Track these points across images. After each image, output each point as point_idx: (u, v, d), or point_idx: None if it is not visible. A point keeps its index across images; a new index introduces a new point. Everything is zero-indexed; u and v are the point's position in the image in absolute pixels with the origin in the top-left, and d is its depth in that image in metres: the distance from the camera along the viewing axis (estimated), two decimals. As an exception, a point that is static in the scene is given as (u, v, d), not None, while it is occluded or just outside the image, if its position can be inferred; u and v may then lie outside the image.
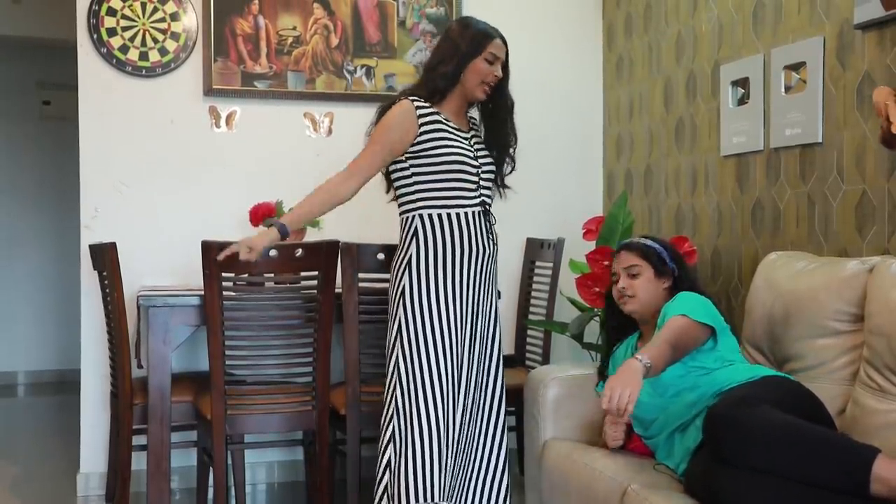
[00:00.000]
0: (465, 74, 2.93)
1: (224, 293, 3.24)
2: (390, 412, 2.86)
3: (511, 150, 3.07)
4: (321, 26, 4.21)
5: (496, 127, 3.04)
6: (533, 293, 4.20)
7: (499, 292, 3.58)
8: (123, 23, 4.03)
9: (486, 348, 2.99)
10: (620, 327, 2.93)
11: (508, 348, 4.24)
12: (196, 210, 4.07)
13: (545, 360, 3.96)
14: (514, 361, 4.14)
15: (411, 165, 2.90)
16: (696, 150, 3.79)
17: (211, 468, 3.42)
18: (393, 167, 2.96)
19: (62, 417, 5.63)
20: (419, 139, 2.88)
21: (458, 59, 2.92)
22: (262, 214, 3.74)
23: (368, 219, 3.85)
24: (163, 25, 4.06)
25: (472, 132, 3.04)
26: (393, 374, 2.88)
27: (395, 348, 2.88)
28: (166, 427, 3.36)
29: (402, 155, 2.90)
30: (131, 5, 4.03)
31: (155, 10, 4.05)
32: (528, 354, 4.15)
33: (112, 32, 4.02)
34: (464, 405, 2.91)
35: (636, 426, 2.74)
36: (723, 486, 2.16)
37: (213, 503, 3.43)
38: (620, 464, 2.61)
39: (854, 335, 2.57)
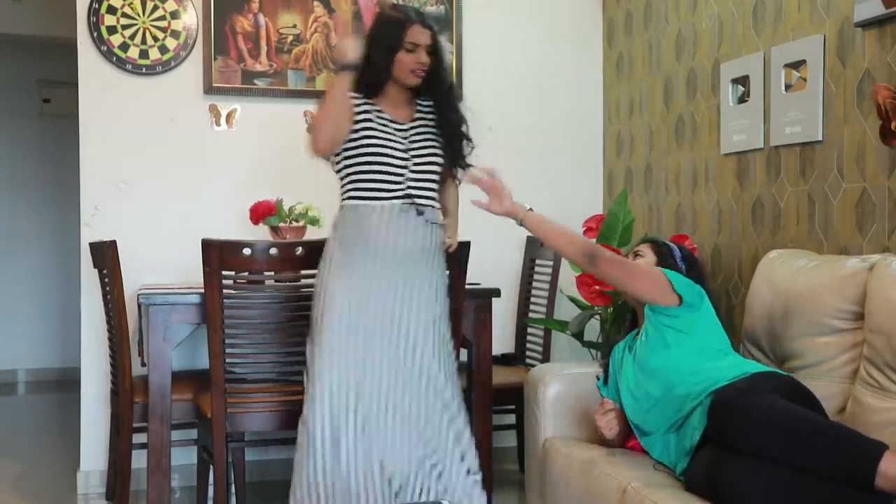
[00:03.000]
0: (393, 67, 2.91)
1: (224, 291, 3.24)
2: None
3: (464, 131, 3.02)
4: (321, 24, 4.21)
5: (443, 112, 3.00)
6: (533, 291, 4.20)
7: (497, 290, 3.58)
8: (123, 21, 4.03)
9: (418, 347, 2.88)
10: (624, 323, 2.95)
11: (509, 346, 4.25)
12: (196, 208, 4.07)
13: (545, 358, 3.96)
14: (514, 360, 4.15)
15: (341, 158, 2.93)
16: (697, 148, 3.79)
17: (211, 466, 3.42)
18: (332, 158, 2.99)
19: (62, 415, 5.63)
20: (352, 133, 2.89)
21: (382, 53, 2.90)
22: (262, 213, 3.74)
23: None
24: (163, 23, 4.06)
25: (419, 122, 2.99)
26: (306, 368, 2.93)
27: (308, 344, 2.93)
28: (166, 425, 3.36)
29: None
30: (131, 3, 4.03)
31: (155, 7, 4.05)
32: (528, 353, 4.15)
33: (112, 30, 4.01)
34: (374, 405, 2.85)
35: (632, 418, 2.74)
36: (724, 476, 2.16)
37: (213, 501, 3.42)
38: (620, 462, 2.61)
39: (854, 333, 2.57)
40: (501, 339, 4.14)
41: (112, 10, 4.01)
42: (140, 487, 3.73)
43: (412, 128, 2.98)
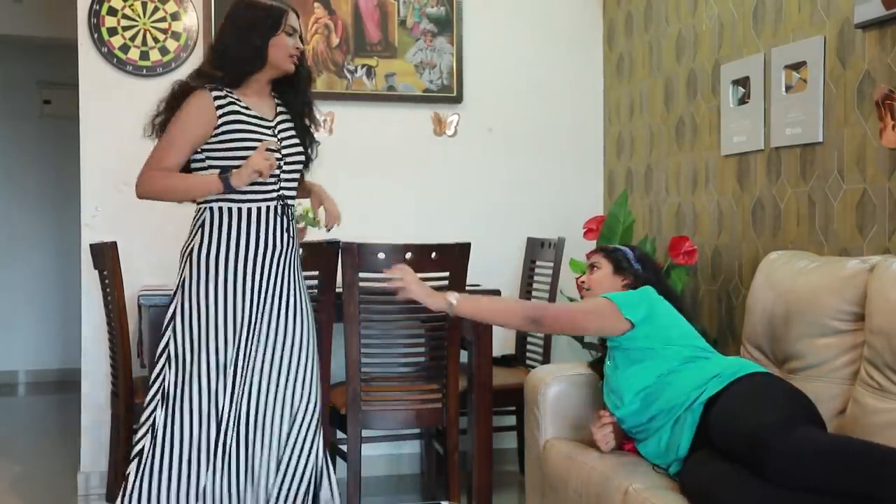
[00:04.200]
0: (269, 52, 2.78)
1: (224, 292, 3.23)
2: (155, 400, 2.73)
3: (311, 126, 2.93)
4: (322, 26, 4.21)
5: (297, 103, 2.89)
6: (533, 292, 4.20)
7: (497, 291, 3.57)
8: (124, 22, 4.03)
9: (278, 350, 2.78)
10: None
11: (509, 347, 4.25)
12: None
13: (545, 359, 3.96)
14: (515, 361, 4.15)
15: (207, 158, 2.78)
16: (697, 149, 3.79)
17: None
18: (192, 159, 2.83)
19: (62, 416, 5.63)
20: (218, 132, 2.76)
21: (257, 38, 2.77)
22: (263, 214, 3.73)
23: (368, 218, 3.85)
24: (163, 25, 4.06)
25: (281, 118, 2.87)
26: (164, 363, 2.75)
27: (167, 337, 2.76)
28: (167, 426, 3.36)
29: (199, 147, 2.79)
30: (132, 5, 4.03)
31: (156, 9, 4.06)
32: (528, 354, 4.15)
33: (113, 32, 4.02)
34: (241, 401, 2.75)
35: (624, 428, 2.74)
36: (721, 493, 2.16)
37: (213, 502, 3.42)
38: (621, 464, 2.61)
39: (855, 334, 2.57)
40: (502, 340, 4.14)
41: (113, 11, 4.01)
42: (140, 489, 3.73)
43: (278, 123, 2.86)
